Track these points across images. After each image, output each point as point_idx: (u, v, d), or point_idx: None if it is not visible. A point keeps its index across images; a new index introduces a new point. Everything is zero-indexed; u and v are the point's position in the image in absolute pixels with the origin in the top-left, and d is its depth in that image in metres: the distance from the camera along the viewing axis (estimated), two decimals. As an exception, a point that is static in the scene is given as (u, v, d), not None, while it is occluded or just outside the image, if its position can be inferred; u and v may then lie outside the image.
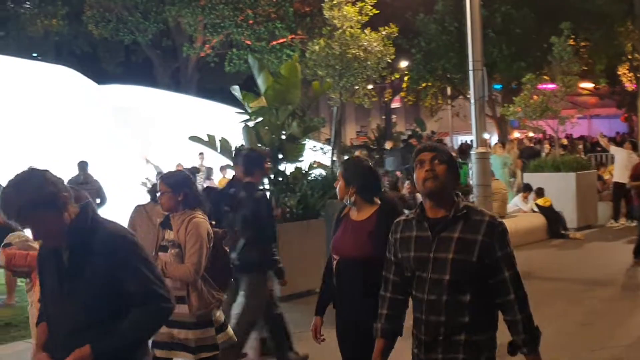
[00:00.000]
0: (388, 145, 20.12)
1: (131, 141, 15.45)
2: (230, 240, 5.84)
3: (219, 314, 4.89)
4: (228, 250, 5.20)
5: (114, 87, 17.10)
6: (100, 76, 17.54)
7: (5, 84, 14.85)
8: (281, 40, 24.94)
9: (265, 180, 9.35)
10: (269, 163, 6.63)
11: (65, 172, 12.32)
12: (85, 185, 12.15)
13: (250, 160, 6.42)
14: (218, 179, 15.77)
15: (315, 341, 4.31)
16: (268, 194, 6.81)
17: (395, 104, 37.87)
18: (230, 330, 5.01)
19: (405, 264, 3.29)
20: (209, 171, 15.66)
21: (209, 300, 4.65)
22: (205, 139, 9.68)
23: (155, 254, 4.73)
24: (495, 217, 3.21)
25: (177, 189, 4.71)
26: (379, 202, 4.15)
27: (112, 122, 15.20)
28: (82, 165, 12.77)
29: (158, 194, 4.83)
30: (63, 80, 15.90)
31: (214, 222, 5.13)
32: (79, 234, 2.88)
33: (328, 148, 10.75)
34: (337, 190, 4.23)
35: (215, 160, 14.33)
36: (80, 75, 16.26)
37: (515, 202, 15.11)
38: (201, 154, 15.68)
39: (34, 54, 27.56)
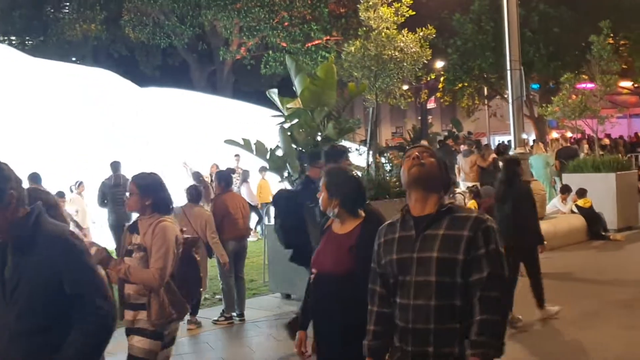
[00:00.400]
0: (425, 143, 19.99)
1: (169, 143, 15.61)
2: (314, 238, 6.02)
3: (175, 328, 4.66)
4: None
5: (151, 90, 17.30)
6: (138, 79, 17.72)
7: (51, 86, 15.12)
8: (316, 42, 24.97)
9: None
10: (349, 160, 6.86)
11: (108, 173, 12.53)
12: (117, 188, 12.25)
13: (334, 156, 6.61)
14: (255, 181, 15.85)
15: (301, 357, 4.02)
16: None
17: (430, 105, 37.65)
18: (172, 349, 4.75)
19: (389, 269, 3.07)
20: (245, 173, 15.70)
21: (169, 312, 4.41)
22: (241, 142, 9.73)
23: (121, 257, 4.51)
24: (484, 214, 3.06)
25: (145, 192, 4.47)
26: (363, 214, 3.90)
27: (153, 123, 15.37)
28: (115, 166, 12.86)
29: (128, 194, 4.59)
30: (106, 83, 16.16)
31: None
32: (19, 232, 2.85)
33: (363, 149, 10.70)
34: (320, 201, 3.93)
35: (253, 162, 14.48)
36: (120, 77, 16.51)
37: (554, 204, 14.88)
38: (237, 155, 15.76)
39: (73, 58, 28.04)
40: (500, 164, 11.40)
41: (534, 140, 24.21)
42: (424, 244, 2.97)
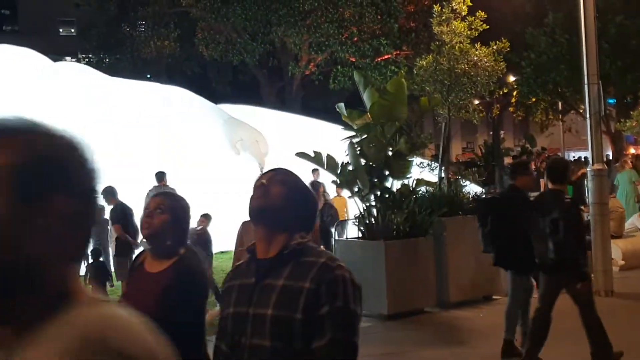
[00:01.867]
0: (507, 161, 19.46)
1: (248, 160, 15.79)
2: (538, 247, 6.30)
3: None
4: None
5: (223, 107, 17.55)
6: (209, 96, 18.01)
7: (131, 103, 15.53)
8: (386, 57, 24.92)
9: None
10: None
11: (191, 186, 12.76)
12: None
13: (559, 170, 6.70)
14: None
15: None
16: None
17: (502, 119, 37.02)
18: None
19: (226, 324, 2.44)
20: (315, 185, 15.63)
21: None
22: (312, 155, 9.74)
23: None
24: (336, 261, 2.35)
25: None
26: (182, 251, 3.31)
27: (227, 139, 15.60)
28: (160, 176, 13.05)
29: None
30: (181, 100, 16.50)
31: None
32: None
33: (435, 165, 10.55)
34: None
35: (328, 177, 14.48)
36: (195, 95, 16.84)
37: (632, 221, 14.31)
38: (315, 170, 15.66)
39: (147, 75, 28.80)
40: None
41: (614, 158, 23.44)
42: (261, 297, 2.32)
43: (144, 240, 3.34)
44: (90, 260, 10.18)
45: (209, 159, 15.46)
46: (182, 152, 15.16)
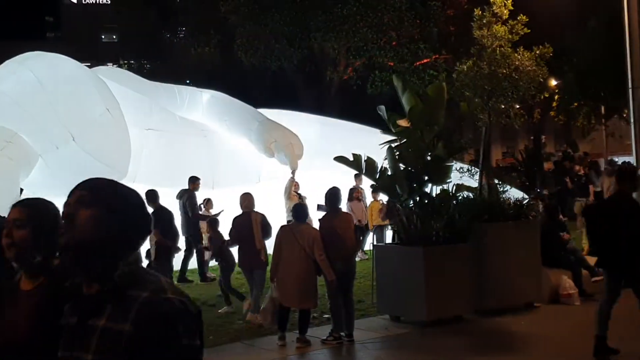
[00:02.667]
0: (547, 166, 19.20)
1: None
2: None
3: None
4: None
5: (261, 111, 17.61)
6: (248, 101, 18.10)
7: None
8: (425, 61, 24.78)
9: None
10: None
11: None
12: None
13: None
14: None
15: None
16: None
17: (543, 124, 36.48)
18: None
19: None
20: (352, 191, 15.60)
21: None
22: (351, 159, 9.68)
23: None
24: (164, 292, 1.98)
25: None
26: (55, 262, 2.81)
27: (261, 141, 15.65)
28: (192, 180, 13.19)
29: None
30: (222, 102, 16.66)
31: None
32: None
33: (475, 170, 10.43)
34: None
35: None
36: (235, 100, 16.94)
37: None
38: (358, 174, 15.60)
39: (187, 81, 29.10)
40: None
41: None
42: (82, 340, 2.00)
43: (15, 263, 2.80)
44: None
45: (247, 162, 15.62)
46: (224, 157, 15.31)
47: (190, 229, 12.86)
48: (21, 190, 12.00)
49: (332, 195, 8.85)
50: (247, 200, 9.85)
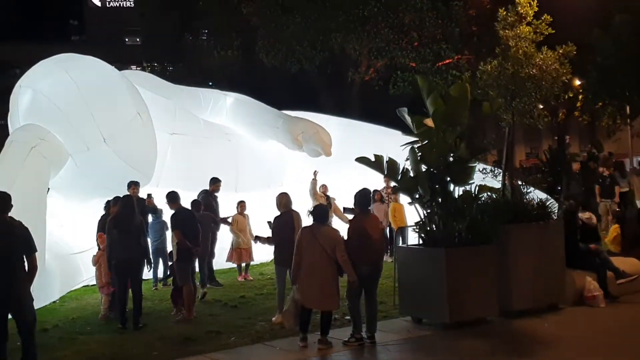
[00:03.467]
0: (575, 167, 18.88)
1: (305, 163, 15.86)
2: None
3: None
4: None
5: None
6: (269, 103, 18.13)
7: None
8: (447, 61, 24.66)
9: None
10: None
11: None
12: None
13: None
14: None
15: None
16: None
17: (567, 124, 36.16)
18: None
19: None
20: (375, 193, 15.54)
21: None
22: (372, 160, 9.63)
23: None
24: None
25: None
26: None
27: (289, 134, 15.72)
28: (213, 181, 13.22)
29: None
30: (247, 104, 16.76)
31: None
32: None
33: (498, 171, 10.34)
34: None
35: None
36: (257, 102, 16.99)
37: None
38: (387, 176, 15.50)
39: (210, 83, 29.23)
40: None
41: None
42: None
43: None
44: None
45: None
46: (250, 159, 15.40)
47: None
48: (47, 189, 12.16)
49: (363, 196, 8.78)
50: (285, 199, 9.93)
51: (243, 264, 13.61)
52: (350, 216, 9.67)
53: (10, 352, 7.03)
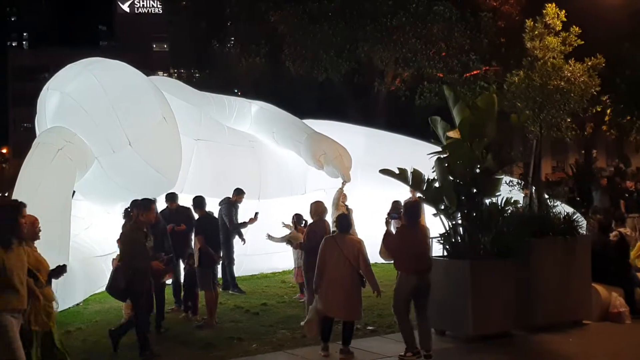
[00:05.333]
0: (603, 182, 18.63)
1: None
2: None
3: None
4: None
5: (308, 122, 17.66)
6: (295, 111, 18.14)
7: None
8: (475, 72, 24.54)
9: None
10: None
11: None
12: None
13: None
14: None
15: None
16: None
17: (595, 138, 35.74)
18: None
19: None
20: (397, 204, 15.46)
21: None
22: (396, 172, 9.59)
23: None
24: None
25: None
26: None
27: (310, 153, 15.67)
28: (237, 192, 13.20)
29: None
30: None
31: None
32: None
33: (525, 184, 10.24)
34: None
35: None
36: (281, 110, 17.00)
37: None
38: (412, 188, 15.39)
39: (235, 90, 29.40)
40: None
41: None
42: None
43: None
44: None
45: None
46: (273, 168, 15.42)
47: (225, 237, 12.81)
48: (73, 191, 12.27)
49: (414, 207, 8.66)
50: (320, 207, 9.95)
51: None
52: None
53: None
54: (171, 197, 11.77)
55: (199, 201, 10.88)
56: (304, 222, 11.91)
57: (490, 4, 25.79)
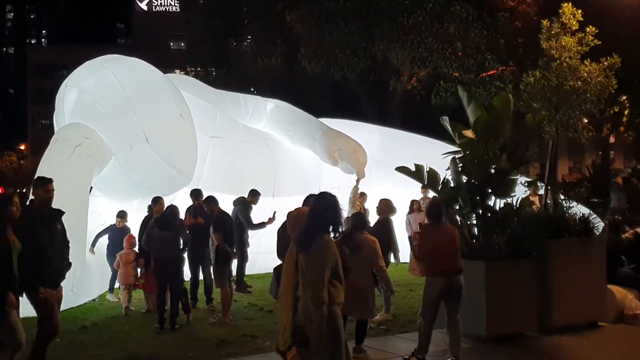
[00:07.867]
0: (619, 181, 18.51)
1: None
2: None
3: None
4: None
5: (324, 120, 17.69)
6: (310, 110, 18.17)
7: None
8: (491, 72, 24.45)
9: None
10: None
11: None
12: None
13: None
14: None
15: None
16: None
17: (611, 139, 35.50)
18: None
19: None
20: (412, 203, 15.45)
21: None
22: (412, 170, 9.57)
23: None
24: None
25: None
26: None
27: (325, 149, 15.69)
28: (252, 193, 13.24)
29: None
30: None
31: None
32: None
33: (541, 184, 10.19)
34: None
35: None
36: (296, 108, 17.04)
37: None
38: (425, 186, 15.38)
39: (252, 89, 29.47)
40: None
41: None
42: None
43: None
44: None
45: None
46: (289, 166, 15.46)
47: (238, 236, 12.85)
48: (90, 187, 12.37)
49: (433, 207, 8.33)
50: (388, 205, 9.99)
51: None
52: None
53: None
54: (196, 194, 11.83)
55: (212, 200, 10.97)
56: None
57: (507, 4, 25.70)
